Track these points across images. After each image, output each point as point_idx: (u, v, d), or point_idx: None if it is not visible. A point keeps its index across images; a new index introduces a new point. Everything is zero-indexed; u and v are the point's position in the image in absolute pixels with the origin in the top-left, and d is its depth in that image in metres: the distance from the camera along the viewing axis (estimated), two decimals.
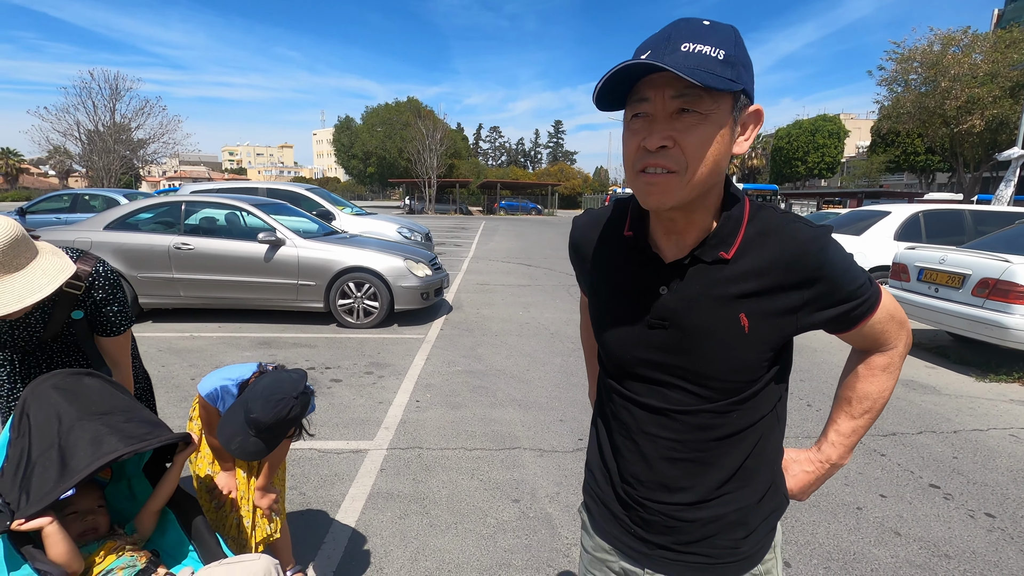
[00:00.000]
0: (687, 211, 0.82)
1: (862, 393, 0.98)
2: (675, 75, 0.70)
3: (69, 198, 12.23)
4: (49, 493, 1.26)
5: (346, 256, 6.20)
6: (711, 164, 0.76)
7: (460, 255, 13.90)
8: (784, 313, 0.85)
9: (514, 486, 2.91)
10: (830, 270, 0.83)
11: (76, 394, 1.49)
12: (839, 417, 1.01)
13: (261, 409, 1.42)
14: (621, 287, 0.94)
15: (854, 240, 7.58)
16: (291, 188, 10.16)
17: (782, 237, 0.84)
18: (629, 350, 0.93)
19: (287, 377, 1.52)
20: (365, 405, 3.97)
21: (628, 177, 0.82)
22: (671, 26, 0.75)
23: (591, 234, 1.02)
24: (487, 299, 8.09)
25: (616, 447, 1.00)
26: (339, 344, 5.55)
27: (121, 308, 1.73)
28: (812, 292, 0.84)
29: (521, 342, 5.78)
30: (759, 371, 0.88)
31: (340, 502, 2.72)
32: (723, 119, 0.75)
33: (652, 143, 0.74)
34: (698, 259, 0.85)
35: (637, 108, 0.77)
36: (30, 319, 1.62)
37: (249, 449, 1.45)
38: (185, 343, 5.49)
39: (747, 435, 0.92)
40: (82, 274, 1.63)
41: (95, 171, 36.91)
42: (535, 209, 46.97)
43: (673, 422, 0.91)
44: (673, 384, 0.90)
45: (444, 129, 46.91)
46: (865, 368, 0.98)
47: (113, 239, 6.13)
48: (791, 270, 0.83)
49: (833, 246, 0.84)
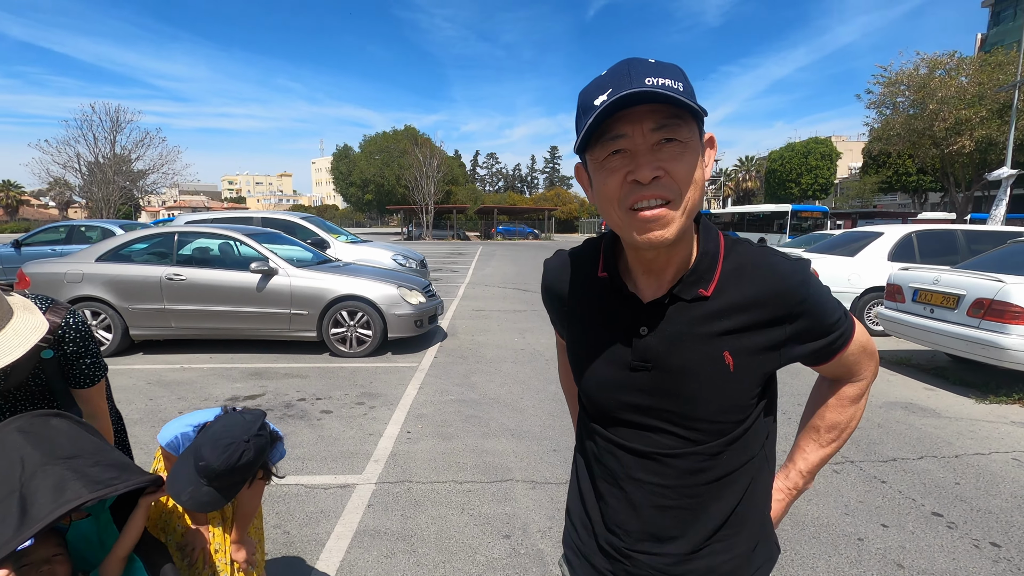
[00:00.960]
0: (670, 246, 0.80)
1: (831, 422, 0.98)
2: (652, 108, 0.71)
3: (65, 229, 12.22)
4: (6, 544, 1.20)
5: (339, 284, 6.18)
6: (700, 190, 0.77)
7: (456, 281, 13.88)
8: (768, 349, 0.84)
9: (505, 521, 2.83)
10: (812, 305, 0.83)
11: (42, 437, 1.44)
12: (807, 446, 1.01)
13: (210, 455, 1.34)
14: (600, 330, 0.91)
15: (848, 261, 7.58)
16: (286, 217, 10.19)
17: (761, 272, 0.83)
18: (612, 394, 0.89)
19: (239, 420, 1.44)
20: (355, 437, 3.89)
21: (615, 216, 0.79)
22: (624, 65, 0.74)
23: (564, 276, 0.99)
24: (482, 325, 8.05)
25: (600, 494, 0.95)
26: (331, 374, 5.49)
27: (94, 360, 1.66)
28: (794, 327, 0.84)
29: (516, 369, 5.71)
30: (747, 409, 0.86)
31: (325, 541, 2.63)
32: (697, 146, 0.76)
33: (644, 175, 0.73)
34: (677, 297, 0.83)
35: (614, 145, 0.75)
36: None
37: (202, 500, 1.35)
38: (175, 375, 5.42)
39: (738, 477, 0.89)
40: (52, 326, 1.57)
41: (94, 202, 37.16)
42: (532, 234, 47.24)
43: (662, 466, 0.87)
44: (660, 428, 0.86)
45: (441, 156, 47.45)
46: (836, 399, 0.97)
47: (105, 271, 6.10)
48: (773, 305, 0.82)
49: (813, 280, 0.84)
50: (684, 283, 0.83)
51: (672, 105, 0.71)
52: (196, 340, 6.47)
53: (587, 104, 0.74)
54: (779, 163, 47.32)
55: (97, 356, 1.68)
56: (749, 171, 58.28)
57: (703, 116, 0.75)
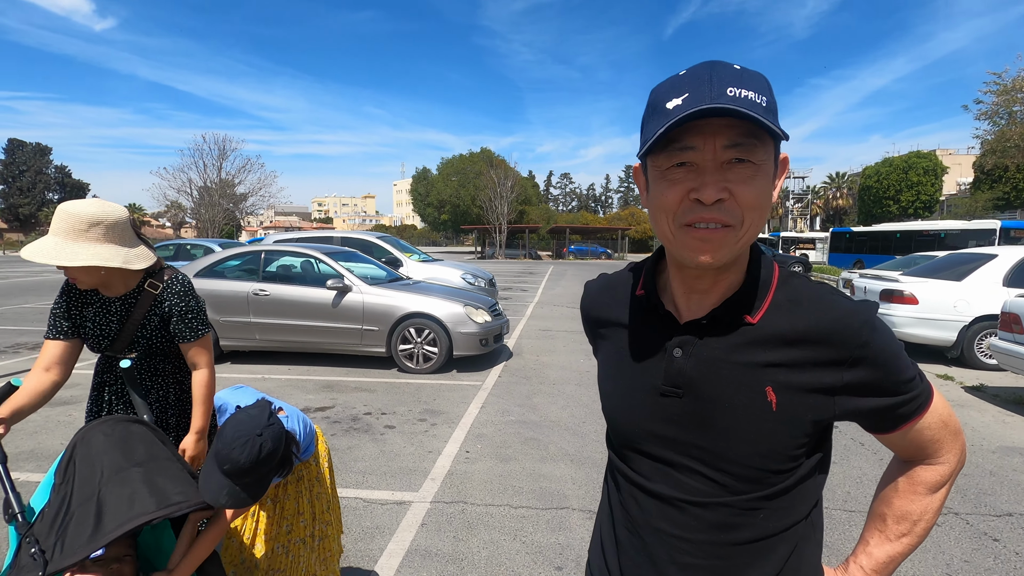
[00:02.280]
0: (718, 269, 0.74)
1: (900, 512, 0.82)
2: (729, 123, 0.65)
3: (173, 247, 13.54)
4: (80, 549, 1.30)
5: (408, 302, 6.36)
6: (763, 217, 0.70)
7: (525, 300, 13.91)
8: (818, 391, 0.73)
9: (558, 551, 2.73)
10: (877, 352, 0.72)
11: (121, 441, 1.56)
12: (872, 537, 0.85)
13: (231, 457, 1.39)
14: (629, 349, 0.85)
15: (954, 286, 6.84)
16: (363, 236, 10.69)
17: (819, 307, 0.74)
18: (637, 421, 0.82)
19: (245, 418, 1.47)
20: (415, 454, 3.94)
21: (666, 229, 0.73)
22: (706, 68, 0.67)
23: (603, 298, 0.94)
24: (548, 346, 7.98)
25: (619, 543, 0.87)
26: (397, 389, 5.62)
27: (195, 316, 1.89)
28: (853, 375, 0.72)
29: (579, 392, 5.59)
30: (790, 461, 0.75)
31: (377, 557, 2.65)
32: (771, 169, 0.70)
33: (708, 196, 0.67)
34: (718, 320, 0.76)
35: (680, 157, 0.68)
36: (112, 307, 1.82)
37: (241, 496, 1.42)
38: (257, 384, 5.74)
39: (776, 544, 0.77)
40: (160, 277, 1.86)
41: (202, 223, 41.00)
42: (605, 253, 46.65)
43: (685, 516, 0.78)
44: (687, 467, 0.77)
45: (515, 177, 48.24)
46: (907, 482, 0.82)
47: (201, 285, 6.63)
48: (828, 344, 0.72)
49: (880, 325, 0.73)
50: (728, 305, 0.76)
51: (751, 122, 0.64)
52: (277, 352, 6.87)
53: (658, 106, 0.69)
54: (875, 179, 43.94)
55: (197, 314, 1.91)
56: (840, 188, 54.52)
57: (783, 139, 0.68)
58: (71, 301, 1.83)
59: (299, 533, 1.92)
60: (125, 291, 1.83)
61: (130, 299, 1.83)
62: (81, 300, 1.84)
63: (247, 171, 42.18)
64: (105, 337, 1.84)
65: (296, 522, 1.92)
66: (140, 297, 1.83)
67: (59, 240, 1.64)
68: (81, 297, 1.84)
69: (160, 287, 1.84)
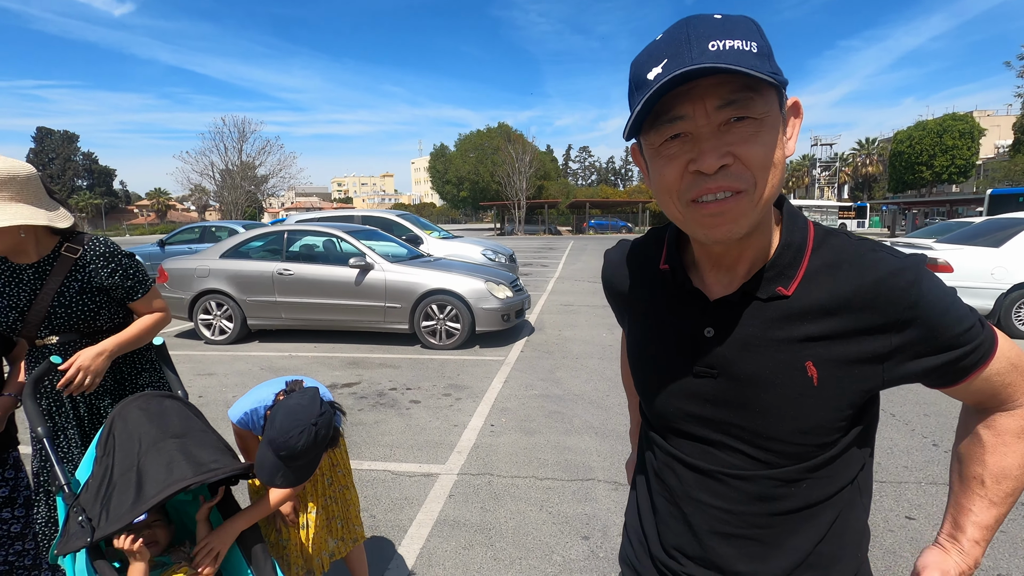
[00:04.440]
0: (743, 238, 0.68)
1: (999, 470, 0.74)
2: (718, 80, 0.60)
3: (199, 230, 13.77)
4: (125, 515, 1.35)
5: (429, 279, 6.39)
6: (779, 174, 0.65)
7: (546, 275, 13.88)
8: (865, 362, 0.68)
9: (585, 521, 2.75)
10: (927, 309, 0.66)
11: (157, 414, 1.60)
12: (974, 504, 0.76)
13: (286, 446, 1.46)
14: (660, 330, 0.81)
15: (992, 253, 6.59)
16: (383, 215, 10.72)
17: (860, 269, 0.68)
18: (672, 402, 0.79)
19: (298, 406, 1.52)
20: (440, 428, 3.99)
21: (674, 210, 0.69)
22: (682, 26, 0.62)
23: (623, 270, 0.90)
24: (570, 320, 7.96)
25: (657, 511, 0.85)
26: (421, 365, 5.69)
27: (134, 271, 1.77)
28: (903, 337, 0.67)
29: (602, 365, 5.58)
30: (835, 433, 0.71)
31: (407, 527, 2.71)
32: (776, 120, 0.63)
33: (708, 164, 0.61)
34: (751, 295, 0.72)
35: (671, 129, 0.63)
36: (23, 276, 1.65)
37: (292, 478, 1.49)
38: (284, 362, 5.89)
39: (820, 511, 0.74)
40: (79, 241, 1.71)
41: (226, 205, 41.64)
42: (625, 227, 46.11)
43: (727, 488, 0.75)
44: (725, 444, 0.75)
45: (533, 152, 47.69)
46: (992, 435, 0.75)
47: (227, 266, 6.77)
48: (873, 309, 0.67)
49: (928, 279, 0.68)
50: (759, 279, 0.71)
51: (744, 76, 0.59)
52: (303, 330, 6.99)
53: (639, 79, 0.63)
54: (907, 144, 42.30)
55: (135, 269, 1.78)
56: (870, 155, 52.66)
57: (783, 86, 0.62)
58: None
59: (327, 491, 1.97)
60: (38, 257, 1.65)
61: (44, 266, 1.66)
62: None
63: (267, 153, 42.61)
64: (13, 310, 1.64)
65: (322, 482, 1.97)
66: (56, 263, 1.66)
67: None
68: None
69: (79, 250, 1.68)
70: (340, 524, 1.99)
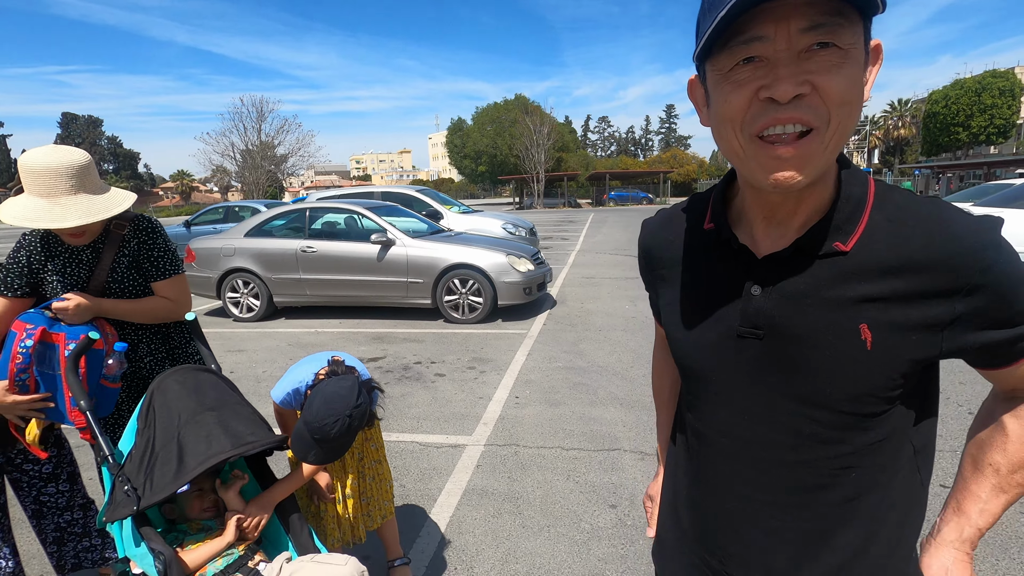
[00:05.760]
0: (804, 187, 0.63)
1: (1019, 460, 0.70)
2: (804, 1, 0.54)
3: (223, 210, 13.98)
4: (168, 486, 1.40)
5: (451, 254, 6.38)
6: (855, 116, 0.59)
7: (567, 248, 13.78)
8: (924, 328, 0.63)
9: (612, 490, 2.77)
10: (999, 276, 0.60)
11: (194, 388, 1.64)
12: (983, 489, 0.72)
13: (320, 431, 1.51)
14: (700, 289, 0.77)
15: None
16: (403, 191, 10.72)
17: (928, 227, 0.62)
18: (713, 366, 0.75)
19: (336, 395, 1.55)
20: (466, 400, 4.03)
21: (735, 143, 0.62)
22: None
23: (663, 235, 0.85)
24: (592, 293, 7.92)
25: (695, 505, 0.82)
26: (445, 339, 5.73)
27: (165, 254, 1.82)
28: (969, 304, 0.62)
29: (626, 337, 5.55)
30: (884, 404, 0.66)
31: (436, 497, 2.77)
32: (861, 55, 0.58)
33: (784, 91, 0.56)
34: (803, 251, 0.67)
35: (746, 51, 0.57)
36: (82, 256, 1.73)
37: (323, 457, 1.56)
38: (310, 338, 5.99)
39: (874, 505, 0.70)
40: (125, 217, 1.78)
41: (247, 185, 42.08)
42: (646, 199, 45.38)
43: (769, 478, 0.72)
44: (767, 416, 0.71)
45: (551, 123, 46.89)
46: (1020, 425, 0.70)
47: (252, 245, 6.86)
48: (940, 272, 0.61)
49: (1006, 246, 0.62)
50: (814, 233, 0.66)
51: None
52: (327, 307, 7.09)
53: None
54: (942, 104, 40.42)
55: (167, 253, 1.83)
56: (903, 117, 50.52)
57: (877, 11, 0.56)
58: (33, 256, 1.71)
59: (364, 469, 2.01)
60: (93, 237, 1.74)
61: (98, 244, 1.74)
62: (46, 253, 1.73)
63: (285, 132, 42.70)
64: (75, 287, 1.73)
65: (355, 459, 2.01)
66: (107, 240, 1.75)
67: (51, 201, 1.55)
68: (47, 250, 1.72)
69: (126, 226, 1.77)
70: (373, 497, 2.03)
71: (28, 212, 1.54)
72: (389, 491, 2.12)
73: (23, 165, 1.57)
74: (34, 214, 1.54)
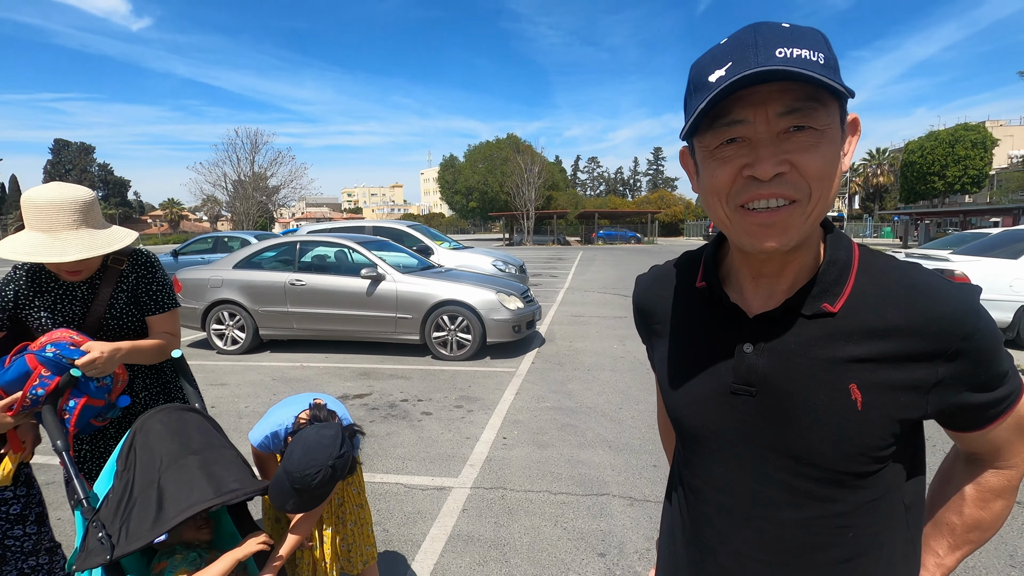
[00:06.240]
0: (789, 250, 0.66)
1: (972, 521, 0.76)
2: (782, 88, 0.58)
3: (212, 240, 13.93)
4: (145, 535, 1.35)
5: (440, 290, 6.39)
6: (834, 187, 0.63)
7: (556, 286, 13.85)
8: (911, 389, 0.66)
9: (600, 537, 2.71)
10: (979, 343, 0.64)
11: (177, 430, 1.60)
12: (940, 546, 0.79)
13: (301, 481, 1.49)
14: (693, 346, 0.79)
15: (1009, 265, 6.49)
16: (394, 226, 10.78)
17: (914, 293, 0.66)
18: (706, 422, 0.76)
19: (318, 444, 1.53)
20: (453, 440, 3.97)
21: (721, 213, 0.67)
22: (750, 31, 0.61)
23: (656, 290, 0.87)
24: (581, 331, 7.92)
25: (693, 565, 0.82)
26: (432, 376, 5.67)
27: (162, 288, 1.81)
28: (951, 368, 0.65)
29: (614, 378, 5.54)
30: (875, 463, 0.68)
31: (420, 542, 2.68)
32: (837, 134, 0.62)
33: (765, 170, 0.60)
34: (793, 311, 0.69)
35: (729, 133, 0.62)
36: (77, 292, 1.70)
37: (302, 506, 1.54)
38: (295, 372, 5.90)
39: (869, 564, 0.71)
40: (124, 252, 1.76)
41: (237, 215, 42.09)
42: (634, 238, 46.01)
43: (766, 538, 0.72)
44: (761, 471, 0.72)
45: (542, 162, 47.82)
46: (975, 490, 0.76)
47: (240, 276, 6.81)
48: (925, 336, 0.64)
49: (984, 312, 0.66)
50: (803, 295, 0.69)
51: (808, 83, 0.58)
52: (314, 340, 7.01)
53: (700, 80, 0.63)
54: (918, 155, 41.86)
55: (164, 287, 1.82)
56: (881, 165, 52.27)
57: (848, 97, 0.61)
58: (20, 291, 1.66)
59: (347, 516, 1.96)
60: (91, 273, 1.70)
61: (95, 279, 1.71)
62: (35, 288, 1.67)
63: (278, 164, 43.12)
64: (69, 324, 1.68)
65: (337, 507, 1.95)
66: (105, 275, 1.72)
67: (52, 236, 1.53)
68: (36, 285, 1.68)
69: (125, 262, 1.75)
70: (354, 542, 1.97)
71: (27, 247, 1.52)
72: (371, 535, 2.06)
73: (26, 200, 1.56)
74: (33, 248, 1.51)
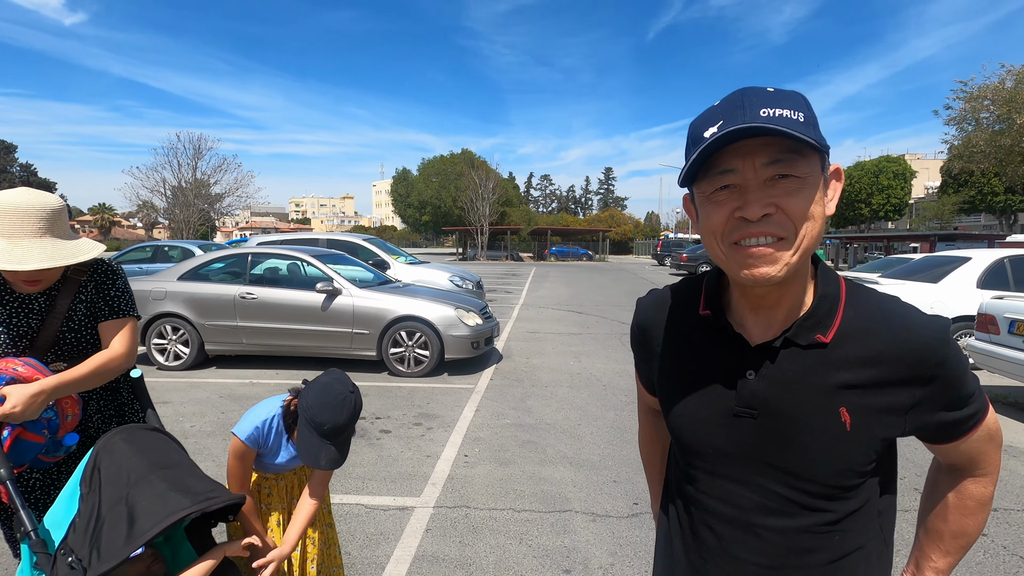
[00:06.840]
0: (783, 283, 0.74)
1: (958, 529, 0.87)
2: (766, 142, 0.68)
3: (151, 249, 13.21)
4: (119, 552, 1.27)
5: (399, 305, 6.32)
6: (819, 227, 0.72)
7: (511, 302, 13.93)
8: (891, 411, 0.75)
9: (565, 554, 2.74)
10: (950, 369, 0.74)
11: (143, 448, 1.53)
12: (933, 553, 0.89)
13: (332, 417, 1.52)
14: (699, 371, 0.85)
15: (931, 288, 7.06)
16: (349, 239, 10.58)
17: (894, 324, 0.75)
18: (709, 441, 0.83)
19: (328, 384, 1.58)
20: (413, 459, 3.91)
21: (717, 250, 0.76)
22: (738, 95, 0.71)
23: (658, 315, 0.93)
24: (537, 348, 8.00)
25: (694, 569, 0.88)
26: (390, 393, 5.58)
27: (121, 295, 1.71)
28: (926, 392, 0.75)
29: (572, 394, 5.62)
30: (859, 477, 0.78)
31: (385, 564, 2.63)
32: (817, 181, 0.71)
33: (753, 212, 0.69)
34: (791, 342, 0.77)
35: (721, 180, 0.72)
36: (33, 304, 1.61)
37: (334, 456, 1.57)
38: (244, 390, 5.66)
39: (852, 564, 0.81)
40: (86, 264, 1.67)
41: (176, 223, 40.07)
42: (586, 255, 46.89)
43: (764, 543, 0.80)
44: (760, 485, 0.80)
45: (496, 178, 48.17)
46: (958, 499, 0.86)
47: (185, 288, 6.51)
48: (905, 364, 0.74)
49: (953, 341, 0.76)
50: (799, 327, 0.77)
51: (788, 138, 0.66)
52: (264, 356, 6.76)
53: (697, 136, 0.72)
54: (848, 183, 45.09)
55: (124, 294, 1.71)
56: None
57: (825, 151, 0.70)
58: None
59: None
60: (48, 285, 1.62)
61: (52, 291, 1.62)
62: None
63: (223, 171, 41.34)
64: (23, 338, 1.59)
65: None
66: (64, 287, 1.63)
67: (11, 242, 1.45)
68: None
69: (86, 273, 1.66)
70: (323, 564, 1.92)
71: None
72: (338, 556, 2.01)
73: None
74: None
